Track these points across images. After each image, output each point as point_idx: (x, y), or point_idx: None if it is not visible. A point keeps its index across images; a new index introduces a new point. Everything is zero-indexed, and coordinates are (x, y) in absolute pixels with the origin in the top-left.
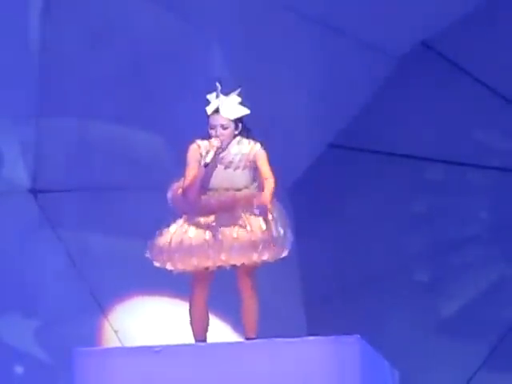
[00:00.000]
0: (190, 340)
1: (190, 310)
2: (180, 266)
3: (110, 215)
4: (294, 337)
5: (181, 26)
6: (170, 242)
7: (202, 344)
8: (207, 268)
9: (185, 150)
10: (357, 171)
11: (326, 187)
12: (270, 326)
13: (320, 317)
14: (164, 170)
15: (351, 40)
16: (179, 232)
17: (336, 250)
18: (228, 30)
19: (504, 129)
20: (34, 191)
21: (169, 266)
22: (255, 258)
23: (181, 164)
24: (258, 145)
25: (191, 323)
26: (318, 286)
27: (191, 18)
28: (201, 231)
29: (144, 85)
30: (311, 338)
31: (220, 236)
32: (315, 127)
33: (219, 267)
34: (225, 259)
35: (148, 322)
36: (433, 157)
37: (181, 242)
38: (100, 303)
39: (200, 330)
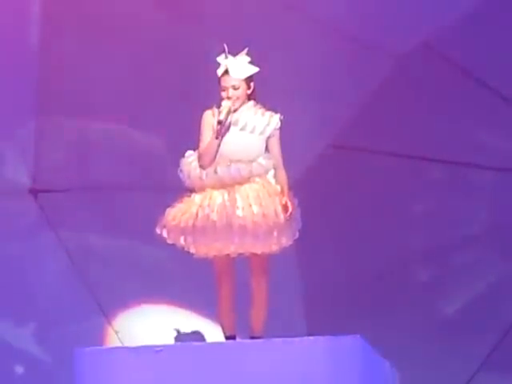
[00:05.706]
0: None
1: (218, 305)
2: (204, 250)
3: (110, 215)
4: (294, 337)
5: (181, 25)
6: (193, 226)
7: (203, 344)
8: (228, 255)
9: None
10: (357, 171)
11: (326, 187)
12: (270, 326)
13: (320, 317)
14: (164, 170)
15: (351, 40)
16: (202, 215)
17: (336, 249)
18: (229, 30)
19: (504, 129)
20: (34, 191)
21: (192, 249)
22: (274, 242)
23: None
24: (277, 120)
25: (220, 319)
26: (318, 286)
27: (191, 18)
28: (222, 215)
29: (144, 85)
30: (311, 337)
31: (241, 221)
32: (315, 127)
33: (239, 255)
34: (248, 244)
35: (149, 322)
36: (433, 157)
37: (204, 227)
38: (100, 303)
39: (229, 325)
